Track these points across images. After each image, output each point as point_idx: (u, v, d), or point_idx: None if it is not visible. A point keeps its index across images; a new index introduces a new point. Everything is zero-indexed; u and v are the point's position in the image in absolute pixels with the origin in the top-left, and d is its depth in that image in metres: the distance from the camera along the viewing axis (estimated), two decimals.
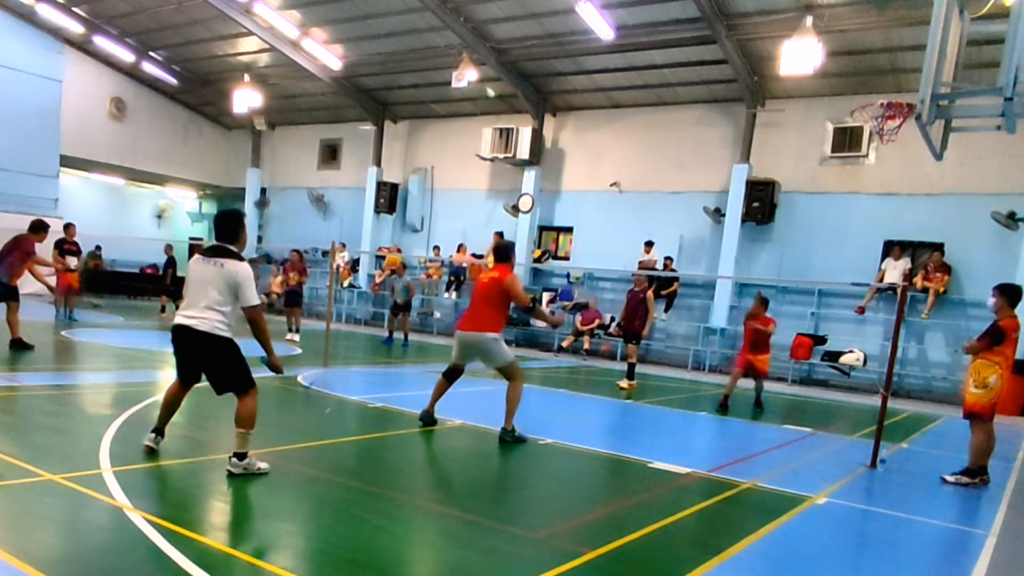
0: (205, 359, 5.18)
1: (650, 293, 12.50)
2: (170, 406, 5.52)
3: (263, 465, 5.24)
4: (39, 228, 11.02)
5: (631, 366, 12.40)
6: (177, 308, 6.34)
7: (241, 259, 5.20)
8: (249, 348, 5.23)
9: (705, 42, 15.54)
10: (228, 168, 27.66)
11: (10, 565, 3.26)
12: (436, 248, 21.61)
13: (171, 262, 19.22)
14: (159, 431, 5.51)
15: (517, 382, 7.11)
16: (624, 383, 12.22)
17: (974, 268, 14.66)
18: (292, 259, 16.70)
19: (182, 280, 5.83)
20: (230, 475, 5.04)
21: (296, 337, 15.24)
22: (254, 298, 5.18)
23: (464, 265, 20.31)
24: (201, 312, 5.08)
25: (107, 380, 9.00)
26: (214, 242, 5.28)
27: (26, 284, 20.66)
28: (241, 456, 5.09)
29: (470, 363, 7.36)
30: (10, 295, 10.71)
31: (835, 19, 14.05)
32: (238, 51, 21.83)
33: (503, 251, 7.48)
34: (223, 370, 5.20)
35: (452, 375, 7.38)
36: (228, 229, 5.28)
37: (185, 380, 5.47)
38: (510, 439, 6.95)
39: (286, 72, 21.96)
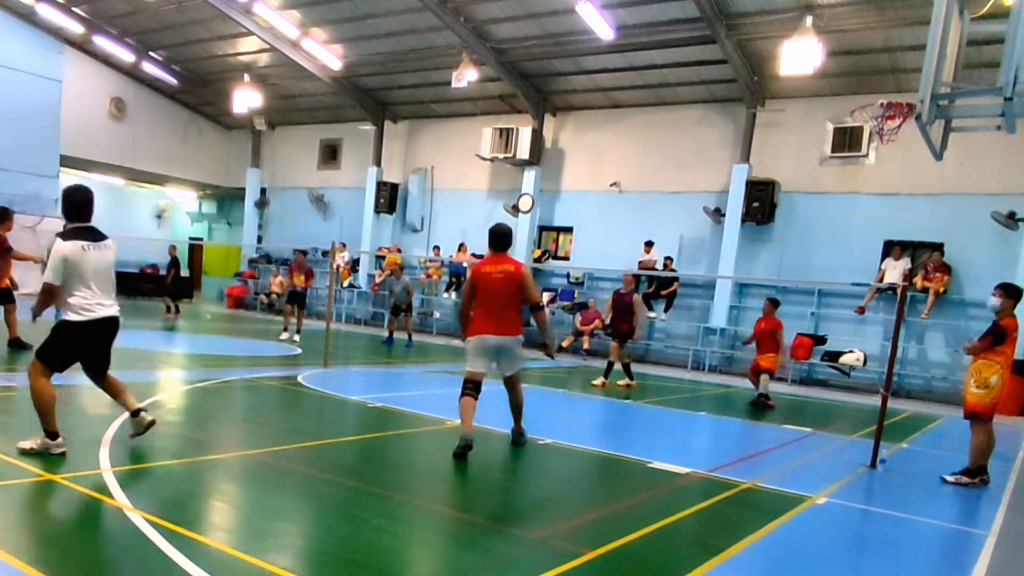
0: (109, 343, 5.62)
1: (637, 297, 12.65)
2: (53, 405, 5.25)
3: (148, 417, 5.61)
4: (3, 217, 10.31)
5: (610, 364, 12.46)
6: (178, 309, 6.49)
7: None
8: (245, 346, 5.22)
9: (705, 42, 15.54)
10: (228, 168, 27.66)
11: (10, 565, 3.25)
12: (436, 248, 21.61)
13: (175, 263, 19.22)
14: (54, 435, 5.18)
15: (520, 384, 6.74)
16: (599, 381, 12.27)
17: (974, 268, 14.66)
18: (296, 260, 16.06)
19: (185, 280, 5.96)
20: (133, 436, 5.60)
21: (297, 337, 15.23)
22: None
23: (465, 265, 20.31)
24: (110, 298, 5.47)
25: None
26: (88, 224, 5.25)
27: (26, 284, 20.81)
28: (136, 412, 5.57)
29: (487, 371, 6.50)
30: (3, 298, 10.61)
31: (835, 19, 14.05)
32: (238, 51, 21.84)
33: (505, 237, 6.71)
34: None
35: (477, 389, 6.34)
36: (86, 208, 5.30)
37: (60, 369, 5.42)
38: (525, 441, 6.84)
39: (286, 72, 21.96)
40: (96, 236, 5.24)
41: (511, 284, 6.40)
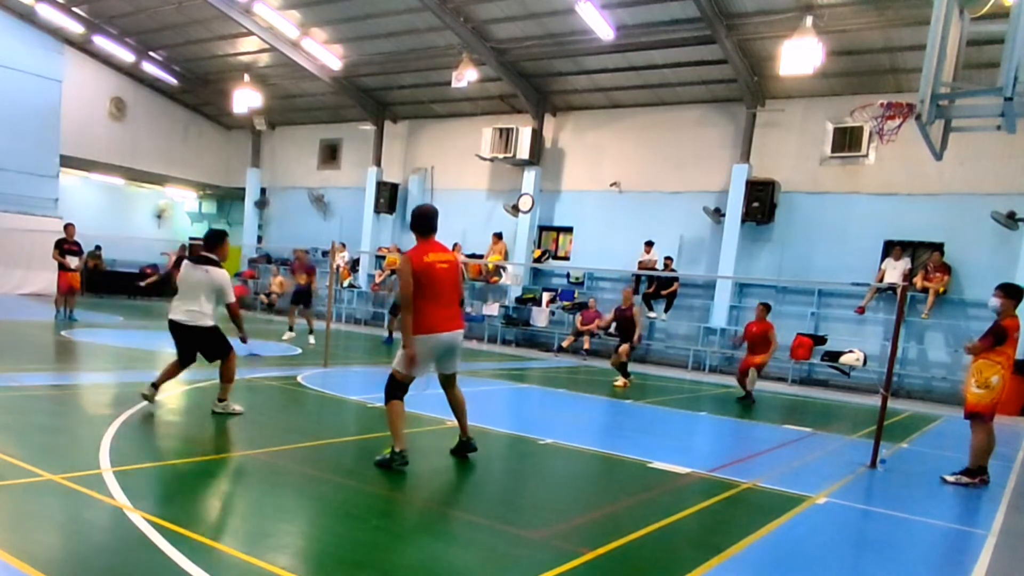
0: (197, 344, 6.95)
1: (636, 309, 12.94)
2: (169, 374, 7.06)
3: (237, 407, 7.02)
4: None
5: (623, 364, 12.58)
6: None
7: (220, 266, 6.90)
8: (244, 345, 5.22)
9: (705, 42, 15.55)
10: (228, 168, 27.65)
11: (10, 565, 3.26)
12: None
13: (179, 263, 19.18)
14: (156, 386, 6.97)
15: (457, 384, 6.14)
16: (620, 382, 12.44)
17: (974, 268, 14.66)
18: (298, 258, 15.89)
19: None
20: (213, 412, 6.93)
21: (311, 339, 14.94)
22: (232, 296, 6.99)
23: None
24: (189, 309, 6.83)
25: (107, 380, 9.00)
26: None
27: (26, 284, 20.86)
28: (222, 400, 6.99)
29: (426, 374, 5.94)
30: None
31: (835, 19, 14.05)
32: (238, 51, 21.83)
33: (433, 219, 5.96)
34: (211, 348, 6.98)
35: (405, 392, 5.79)
36: (211, 243, 7.07)
37: (184, 362, 7.04)
38: (475, 448, 6.14)
39: (286, 72, 21.96)
40: (198, 261, 7.00)
41: (454, 275, 5.88)
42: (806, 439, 8.91)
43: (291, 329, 15.47)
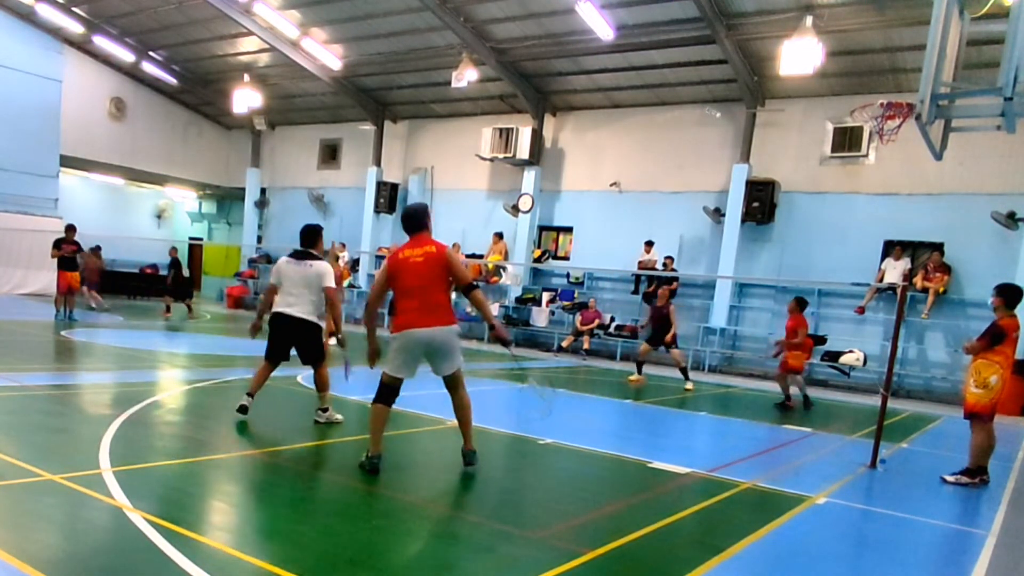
0: (298, 339, 6.89)
1: (672, 308, 13.45)
2: (262, 378, 7.00)
3: (339, 416, 7.10)
4: None
5: (683, 370, 13.14)
6: (175, 308, 6.83)
7: (320, 259, 6.94)
8: (245, 346, 5.22)
9: (705, 42, 15.55)
10: (228, 168, 27.66)
11: (10, 565, 3.26)
12: None
13: (175, 263, 19.18)
14: (251, 395, 6.89)
15: (464, 391, 5.69)
16: (636, 378, 13.15)
17: (974, 268, 14.66)
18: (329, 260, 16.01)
19: (187, 281, 6.70)
20: (316, 423, 6.99)
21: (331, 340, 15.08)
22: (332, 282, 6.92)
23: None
24: (297, 302, 6.79)
25: (107, 380, 9.00)
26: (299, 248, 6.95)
27: (26, 284, 20.86)
28: (324, 410, 7.01)
29: (412, 375, 5.59)
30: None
31: (835, 19, 14.05)
32: (238, 51, 21.84)
33: (419, 217, 5.69)
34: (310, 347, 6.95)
35: (395, 395, 5.57)
36: (308, 238, 7.04)
37: (275, 359, 6.99)
38: (476, 461, 5.74)
39: (286, 72, 21.96)
40: (298, 256, 6.93)
41: (435, 267, 5.43)
42: (806, 439, 8.91)
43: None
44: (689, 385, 12.89)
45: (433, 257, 5.45)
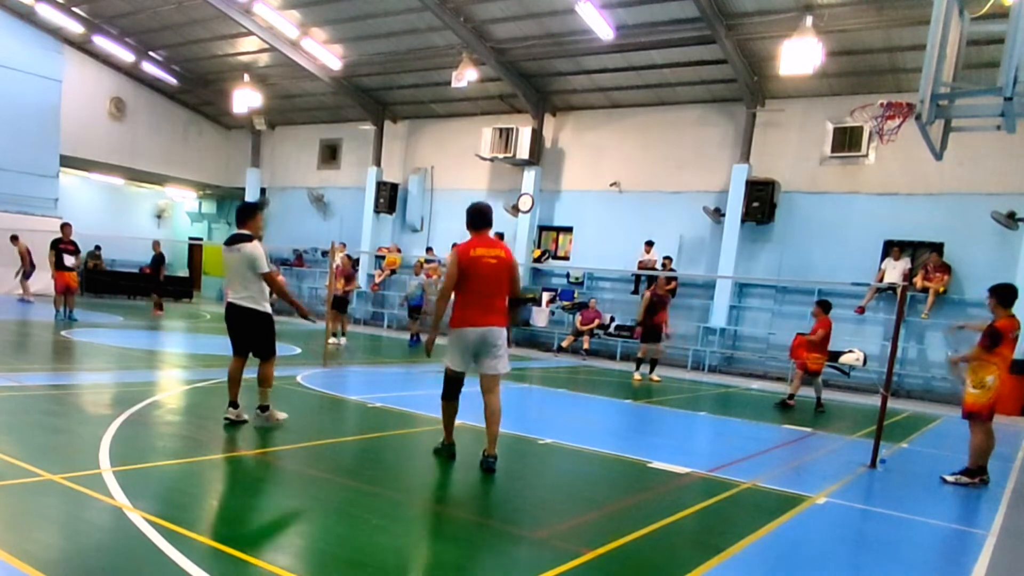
0: (243, 329, 6.41)
1: (647, 293, 13.65)
2: (236, 380, 6.53)
3: (281, 416, 6.52)
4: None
5: (653, 361, 13.74)
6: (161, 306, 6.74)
7: (250, 240, 6.33)
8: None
9: (705, 42, 15.55)
10: (228, 168, 27.65)
11: (10, 565, 3.25)
12: (429, 249, 21.57)
13: (160, 259, 19.11)
14: (234, 404, 6.50)
15: (499, 397, 5.79)
16: (645, 376, 13.61)
17: (974, 268, 14.66)
18: (342, 263, 15.68)
19: (179, 279, 6.46)
20: (246, 425, 6.43)
21: (343, 340, 15.27)
22: (265, 266, 6.33)
23: None
24: (240, 290, 6.32)
25: (107, 380, 9.00)
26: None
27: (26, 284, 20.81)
28: (263, 408, 6.42)
29: (467, 369, 5.83)
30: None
31: (835, 19, 14.05)
32: (238, 51, 21.83)
33: (488, 215, 5.86)
34: (255, 337, 6.43)
35: (456, 390, 5.84)
36: (239, 218, 6.51)
37: (240, 352, 6.54)
38: (494, 467, 5.73)
39: (286, 72, 21.96)
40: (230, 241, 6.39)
41: (503, 271, 5.64)
42: (806, 439, 8.91)
43: (335, 335, 15.03)
44: (637, 376, 13.51)
45: (504, 262, 5.67)
